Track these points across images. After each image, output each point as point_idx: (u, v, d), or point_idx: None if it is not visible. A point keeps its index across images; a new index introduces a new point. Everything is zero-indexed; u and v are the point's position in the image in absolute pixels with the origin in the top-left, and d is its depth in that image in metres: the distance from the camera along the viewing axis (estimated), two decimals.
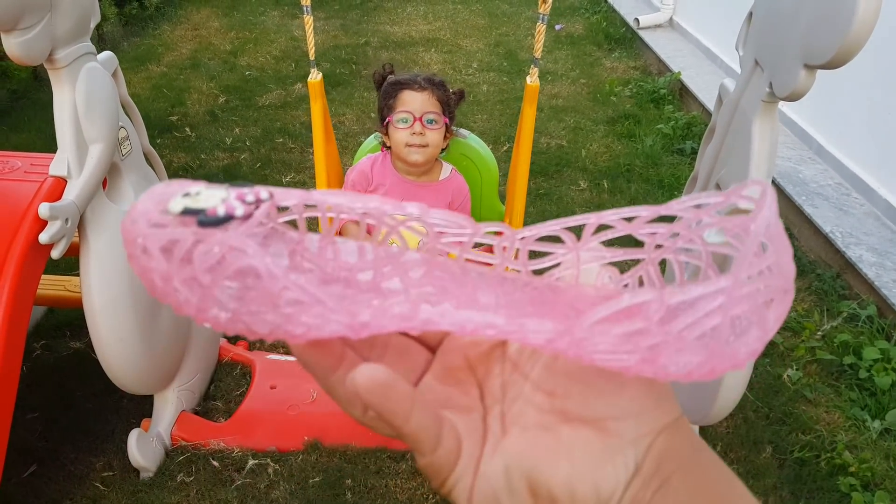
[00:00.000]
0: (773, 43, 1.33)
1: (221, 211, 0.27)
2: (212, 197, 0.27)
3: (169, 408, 1.78)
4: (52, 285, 1.98)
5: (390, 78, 1.63)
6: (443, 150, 1.70)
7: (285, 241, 0.31)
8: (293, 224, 0.31)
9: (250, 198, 0.28)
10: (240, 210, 0.27)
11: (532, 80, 1.52)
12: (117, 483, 1.67)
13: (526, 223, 3.07)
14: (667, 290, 0.26)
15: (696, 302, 0.26)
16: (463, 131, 1.88)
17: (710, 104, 3.78)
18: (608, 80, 4.41)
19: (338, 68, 4.41)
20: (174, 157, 3.53)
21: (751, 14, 1.47)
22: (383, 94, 1.62)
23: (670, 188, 3.27)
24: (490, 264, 0.32)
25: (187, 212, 0.27)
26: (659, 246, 0.32)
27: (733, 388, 1.57)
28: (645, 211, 0.31)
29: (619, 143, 3.74)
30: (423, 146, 1.59)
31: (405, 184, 1.66)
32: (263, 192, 0.28)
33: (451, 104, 1.63)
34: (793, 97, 1.26)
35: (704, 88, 4.02)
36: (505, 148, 3.62)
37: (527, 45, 5.02)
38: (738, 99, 1.50)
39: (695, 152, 3.54)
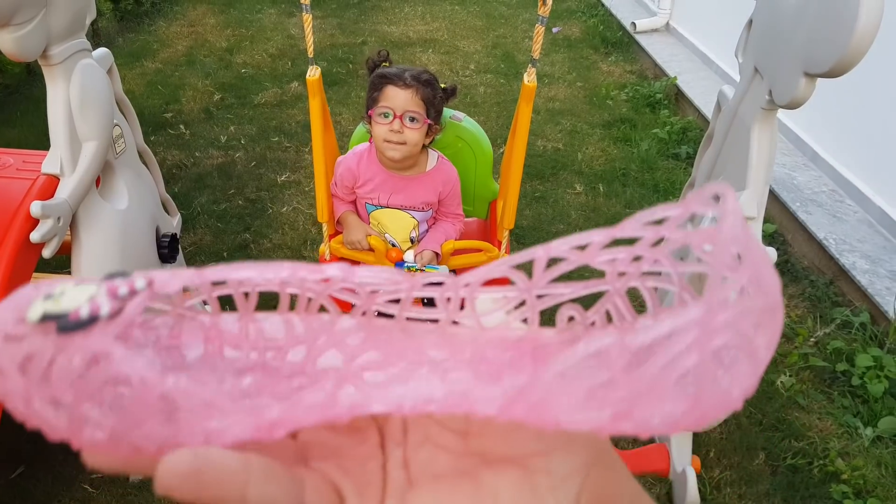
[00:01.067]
0: (773, 50, 1.33)
1: (85, 312, 0.23)
2: (77, 297, 0.23)
3: None
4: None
5: (379, 69, 1.62)
6: (426, 144, 1.67)
7: (196, 328, 0.27)
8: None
9: (123, 290, 0.24)
10: (105, 308, 0.23)
11: (529, 79, 1.51)
12: (106, 485, 1.66)
13: (521, 227, 3.07)
14: (627, 330, 0.23)
15: (667, 339, 0.22)
16: (458, 114, 1.88)
17: (706, 109, 3.79)
18: (604, 84, 4.41)
19: (334, 67, 4.40)
20: (168, 154, 3.50)
21: (751, 21, 1.47)
22: (370, 84, 1.60)
23: (666, 192, 3.27)
24: (435, 320, 0.28)
25: (47, 318, 0.23)
26: (622, 273, 0.28)
27: None
28: (598, 236, 0.27)
29: (614, 146, 3.75)
30: (401, 144, 1.56)
31: (392, 178, 1.65)
32: (140, 280, 0.24)
33: (436, 103, 1.60)
34: (792, 105, 1.26)
35: (700, 93, 4.03)
36: (502, 150, 3.61)
37: (524, 47, 5.02)
38: (736, 106, 1.50)
39: (690, 157, 3.55)
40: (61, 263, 2.08)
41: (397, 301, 0.28)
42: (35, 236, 1.30)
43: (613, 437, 1.64)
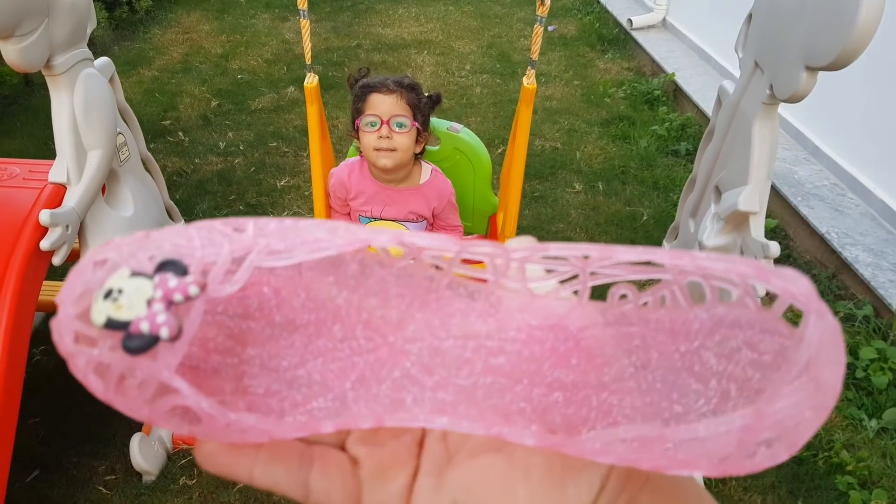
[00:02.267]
0: (773, 44, 1.33)
1: (146, 328, 0.24)
2: (134, 298, 0.24)
3: None
4: (51, 291, 1.96)
5: (361, 81, 1.61)
6: (419, 153, 1.65)
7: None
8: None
9: (178, 297, 0.24)
10: (164, 330, 0.24)
11: (529, 81, 1.51)
12: (120, 486, 1.67)
13: (520, 227, 3.08)
14: (670, 427, 0.24)
15: (703, 441, 0.23)
16: (455, 125, 1.88)
17: (705, 105, 3.80)
18: (602, 82, 4.42)
19: (330, 71, 4.40)
20: (168, 161, 3.51)
21: (750, 15, 1.48)
22: (354, 97, 1.60)
23: (665, 189, 3.28)
24: (484, 280, 0.29)
25: (111, 324, 0.24)
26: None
27: None
28: (661, 254, 0.26)
29: (613, 144, 3.75)
30: (392, 150, 1.53)
31: (385, 190, 1.64)
32: (192, 287, 0.25)
33: (422, 107, 1.59)
34: (794, 99, 1.27)
35: (699, 89, 4.04)
36: (499, 150, 3.62)
37: (519, 46, 5.03)
38: (737, 101, 1.50)
39: (689, 153, 3.56)
40: (67, 271, 2.08)
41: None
42: (45, 244, 1.30)
43: None
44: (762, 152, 1.41)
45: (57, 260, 1.34)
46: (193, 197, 3.21)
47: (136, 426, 1.78)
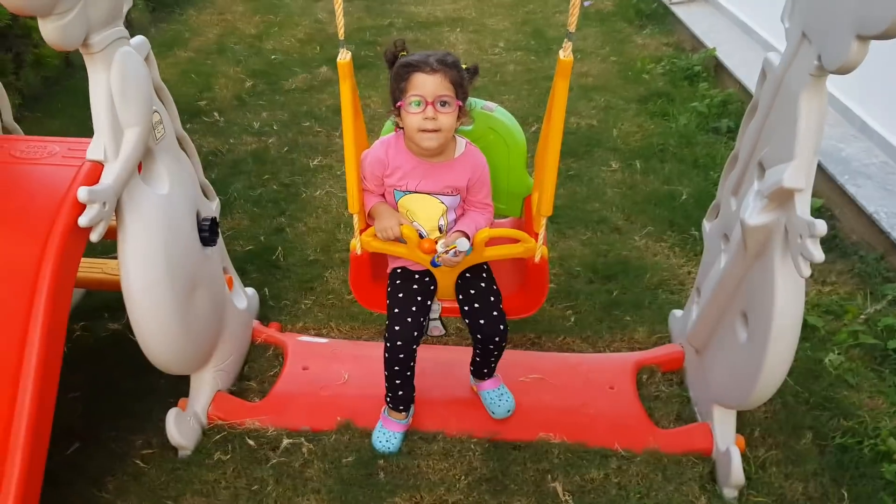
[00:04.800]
0: (822, 13, 1.27)
1: None
2: None
3: (205, 388, 1.81)
4: (89, 268, 2.01)
5: (402, 59, 1.57)
6: (455, 130, 1.63)
7: None
8: None
9: None
10: None
11: (566, 54, 1.46)
12: (156, 460, 1.71)
13: (555, 206, 3.00)
14: None
15: None
16: (490, 104, 1.84)
17: (748, 81, 3.67)
18: (639, 58, 4.31)
19: (362, 50, 4.38)
20: (204, 141, 3.54)
21: None
22: (395, 76, 1.57)
23: (705, 168, 3.19)
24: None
25: None
26: None
27: (775, 372, 1.53)
28: None
29: (651, 122, 3.66)
30: (436, 131, 1.52)
31: (422, 165, 1.63)
32: None
33: (464, 84, 1.57)
34: (843, 70, 1.20)
35: (741, 65, 3.91)
36: (534, 128, 3.55)
37: (555, 22, 4.93)
38: (783, 73, 1.44)
39: (731, 131, 3.45)
40: (106, 248, 2.13)
41: None
42: (83, 221, 1.32)
43: (654, 418, 1.60)
44: (809, 127, 1.35)
45: (94, 237, 1.37)
46: (228, 176, 3.24)
47: (172, 402, 1.82)
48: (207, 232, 1.73)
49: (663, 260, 2.59)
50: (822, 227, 1.29)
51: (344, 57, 1.52)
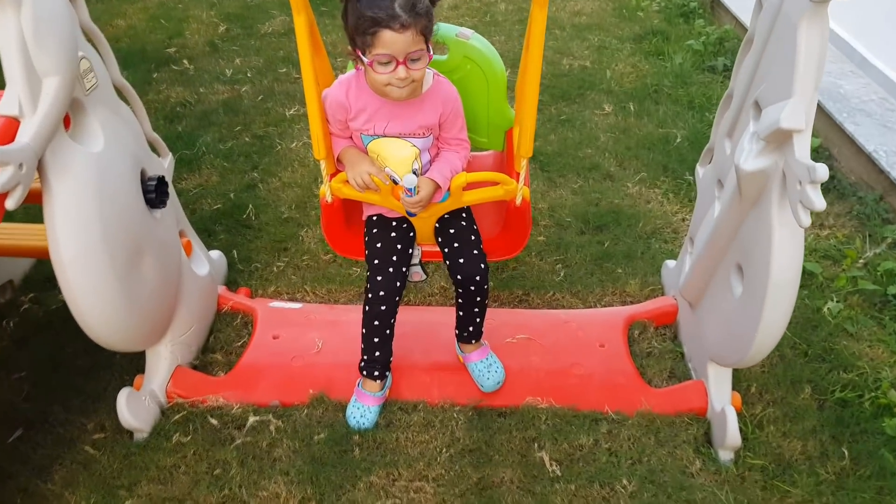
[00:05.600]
0: None
1: None
2: None
3: (162, 363, 1.67)
4: (32, 235, 1.85)
5: (362, 6, 1.32)
6: None
7: None
8: None
9: None
10: None
11: None
12: (109, 446, 1.58)
13: (546, 153, 2.86)
14: None
15: None
16: (465, 31, 1.67)
17: (745, 17, 3.47)
18: None
19: None
20: (172, 91, 3.33)
21: None
22: (355, 24, 1.34)
23: (701, 109, 3.03)
24: None
25: None
26: None
27: (772, 329, 1.42)
28: None
29: (646, 61, 3.48)
30: (408, 84, 1.39)
31: (387, 105, 1.47)
32: None
33: (432, 22, 1.38)
34: None
35: (739, 0, 3.71)
36: None
37: None
38: (780, 1, 1.28)
39: (727, 69, 3.28)
40: (34, 215, 1.97)
41: None
42: None
43: (646, 376, 1.49)
44: (809, 60, 1.19)
45: (10, 203, 1.19)
46: (197, 129, 3.05)
47: (129, 379, 1.69)
48: (154, 193, 1.57)
49: (657, 207, 2.45)
50: (823, 171, 1.16)
51: None
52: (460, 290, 1.61)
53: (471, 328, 1.70)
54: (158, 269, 1.57)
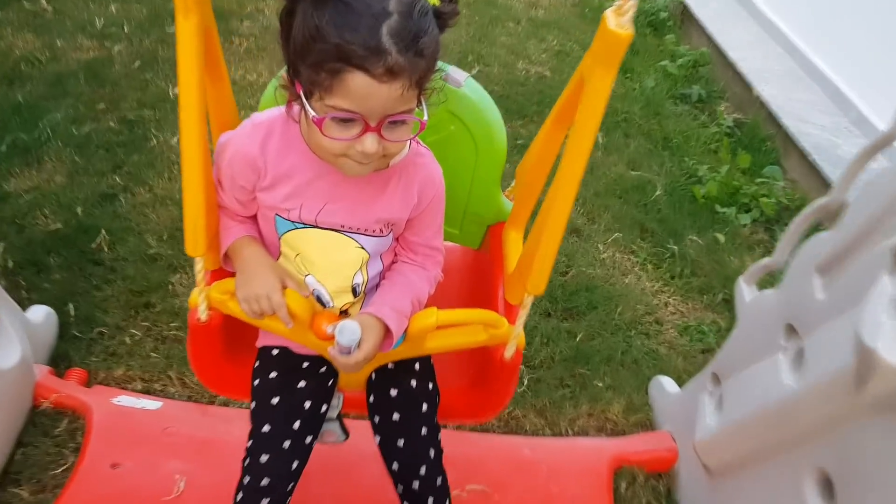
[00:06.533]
0: None
1: None
2: None
3: None
4: None
5: (325, 21, 0.77)
6: None
7: None
8: None
9: None
10: None
11: (621, 21, 0.79)
12: None
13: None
14: None
15: None
16: (457, 76, 1.13)
17: (719, 37, 3.09)
18: None
19: None
20: (18, 39, 2.58)
21: None
22: (306, 47, 0.80)
23: (679, 151, 2.64)
24: None
25: None
26: None
27: None
28: None
29: None
30: (376, 160, 0.87)
31: (331, 177, 0.91)
32: None
33: (433, 72, 0.85)
34: None
35: (714, 18, 3.34)
36: (474, 71, 2.82)
37: None
38: None
39: (702, 101, 2.93)
40: None
41: None
42: None
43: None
44: None
45: None
46: (46, 98, 2.32)
47: None
48: None
49: (634, 282, 2.01)
50: None
51: None
52: (400, 485, 1.05)
53: None
54: None
